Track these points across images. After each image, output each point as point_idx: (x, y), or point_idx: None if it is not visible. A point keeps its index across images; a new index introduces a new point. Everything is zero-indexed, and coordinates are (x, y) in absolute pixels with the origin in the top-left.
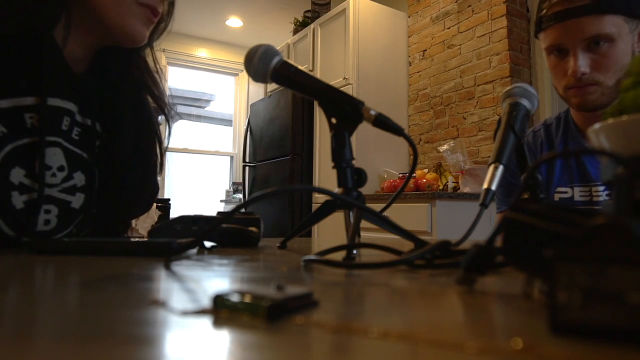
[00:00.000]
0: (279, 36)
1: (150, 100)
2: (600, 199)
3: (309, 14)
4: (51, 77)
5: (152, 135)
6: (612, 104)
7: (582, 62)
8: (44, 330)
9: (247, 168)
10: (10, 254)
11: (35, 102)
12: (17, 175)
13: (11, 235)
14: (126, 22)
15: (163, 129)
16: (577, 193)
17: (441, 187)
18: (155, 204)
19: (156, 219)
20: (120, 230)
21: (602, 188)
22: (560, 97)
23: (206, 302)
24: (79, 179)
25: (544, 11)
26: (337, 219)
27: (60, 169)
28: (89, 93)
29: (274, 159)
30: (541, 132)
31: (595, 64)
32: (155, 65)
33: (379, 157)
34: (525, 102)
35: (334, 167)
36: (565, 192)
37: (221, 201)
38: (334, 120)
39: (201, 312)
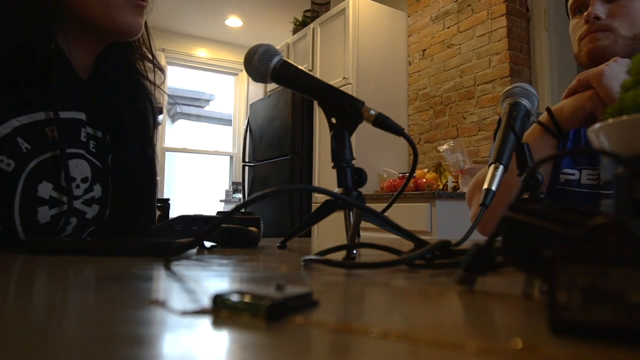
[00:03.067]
0: (278, 36)
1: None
2: None
3: (308, 14)
4: (62, 89)
5: (151, 139)
6: (612, 105)
7: (599, 8)
8: (44, 330)
9: (246, 168)
10: (10, 253)
11: (51, 116)
12: (46, 189)
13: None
14: (116, 19)
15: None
16: (585, 176)
17: (441, 187)
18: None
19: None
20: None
21: None
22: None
23: (206, 302)
24: (97, 190)
25: None
26: (337, 219)
27: (84, 180)
28: (96, 101)
29: (274, 158)
30: None
31: (611, 13)
32: (152, 53)
33: (379, 157)
34: (525, 102)
35: (334, 167)
36: (573, 174)
37: (221, 201)
38: (334, 120)
39: (201, 312)
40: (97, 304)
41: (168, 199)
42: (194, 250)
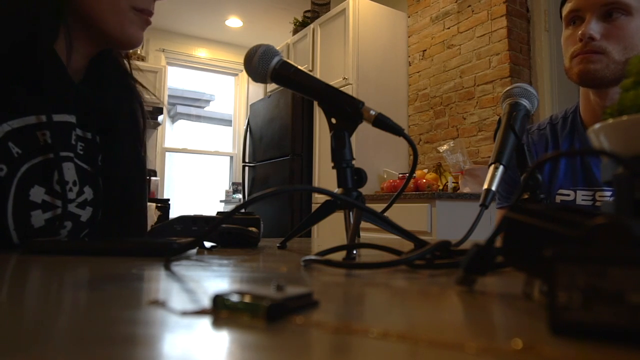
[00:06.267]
0: (278, 36)
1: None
2: None
3: (308, 14)
4: (55, 93)
5: (142, 142)
6: (612, 105)
7: (594, 27)
8: (43, 331)
9: (246, 168)
10: (10, 253)
11: (43, 119)
12: (38, 194)
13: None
14: (125, 30)
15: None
16: (580, 196)
17: (441, 187)
18: (155, 204)
19: (156, 219)
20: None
21: (608, 193)
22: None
23: (206, 302)
24: (88, 192)
25: None
26: (337, 219)
27: (74, 183)
28: (87, 103)
29: (274, 159)
30: (547, 131)
31: (606, 33)
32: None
33: (379, 157)
34: (525, 102)
35: (333, 167)
36: (568, 195)
37: (221, 201)
38: (333, 120)
39: (201, 312)
40: (97, 304)
41: (168, 199)
42: (194, 251)
